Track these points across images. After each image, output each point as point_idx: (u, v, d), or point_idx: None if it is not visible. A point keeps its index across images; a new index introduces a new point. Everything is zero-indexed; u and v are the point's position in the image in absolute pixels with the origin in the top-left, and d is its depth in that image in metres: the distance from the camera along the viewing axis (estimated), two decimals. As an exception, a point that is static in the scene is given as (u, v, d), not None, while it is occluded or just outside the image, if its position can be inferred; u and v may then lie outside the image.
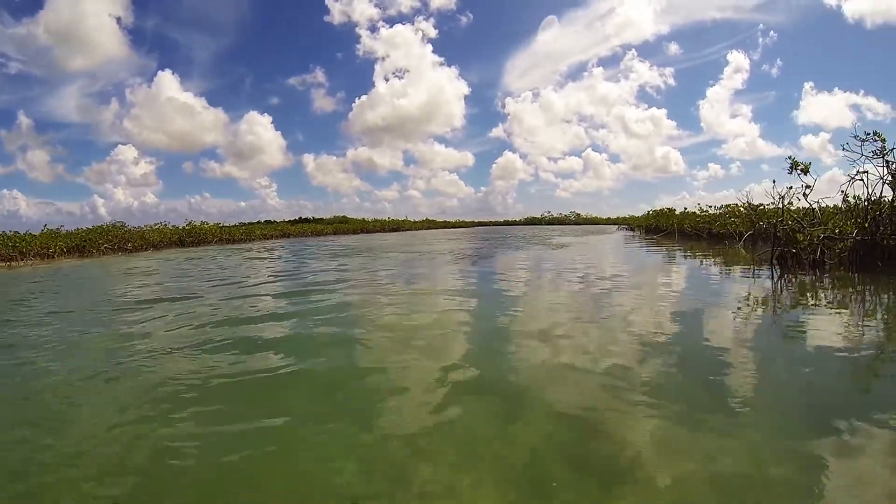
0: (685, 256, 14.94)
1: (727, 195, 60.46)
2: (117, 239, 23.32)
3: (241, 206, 62.24)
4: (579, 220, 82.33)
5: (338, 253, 18.61)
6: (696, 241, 21.39)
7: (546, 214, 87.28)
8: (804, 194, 14.88)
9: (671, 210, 29.37)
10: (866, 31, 49.74)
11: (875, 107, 48.16)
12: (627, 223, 48.89)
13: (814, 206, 14.74)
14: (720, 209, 22.62)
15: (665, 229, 27.03)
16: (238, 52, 62.17)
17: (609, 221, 74.88)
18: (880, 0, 47.16)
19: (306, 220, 56.73)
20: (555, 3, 69.66)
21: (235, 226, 38.43)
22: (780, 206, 16.83)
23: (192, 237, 30.03)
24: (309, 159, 64.11)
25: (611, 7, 61.95)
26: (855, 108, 50.04)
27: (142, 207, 54.09)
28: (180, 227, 30.61)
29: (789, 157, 14.65)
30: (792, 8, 54.39)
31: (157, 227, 29.26)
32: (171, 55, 61.49)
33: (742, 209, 20.36)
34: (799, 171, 14.84)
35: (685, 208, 28.49)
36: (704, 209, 24.44)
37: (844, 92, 49.66)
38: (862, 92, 49.60)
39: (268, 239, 38.70)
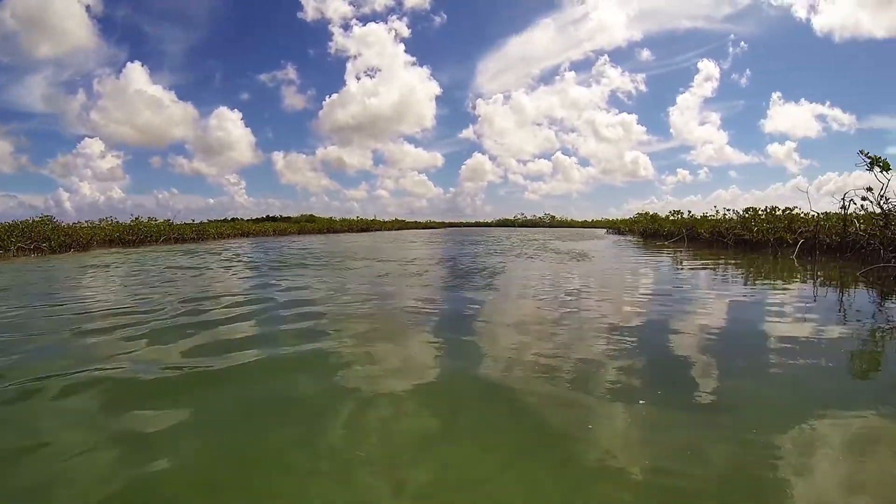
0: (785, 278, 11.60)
1: (695, 200, 65.10)
2: (34, 237, 19.12)
3: (210, 203, 60.97)
4: (554, 223, 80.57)
5: (290, 261, 14.45)
6: (717, 248, 18.90)
7: (519, 216, 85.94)
8: (881, 195, 12.60)
9: (680, 213, 26.95)
10: (834, 45, 52.09)
11: (840, 118, 51.56)
12: (613, 226, 46.79)
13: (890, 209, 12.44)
14: (741, 213, 20.34)
15: (677, 234, 24.51)
16: (209, 46, 60.94)
17: (587, 224, 74.07)
18: (849, 16, 51.82)
19: (273, 219, 54.75)
20: (529, 6, 71.17)
21: (187, 224, 33.75)
22: (844, 209, 14.75)
23: (134, 235, 26.20)
24: (278, 157, 63.51)
25: (585, 12, 62.27)
26: (821, 118, 54.17)
27: (108, 202, 52.72)
28: (123, 224, 27.05)
29: (865, 153, 12.25)
30: (762, 20, 56.35)
31: (94, 223, 25.94)
32: (142, 47, 60.91)
33: (777, 213, 18.18)
34: (879, 169, 12.48)
35: (679, 212, 26.42)
36: (717, 213, 22.28)
37: (811, 103, 52.58)
38: (828, 103, 52.86)
39: (224, 238, 34.67)
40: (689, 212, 26.08)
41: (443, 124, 68.62)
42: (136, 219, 28.78)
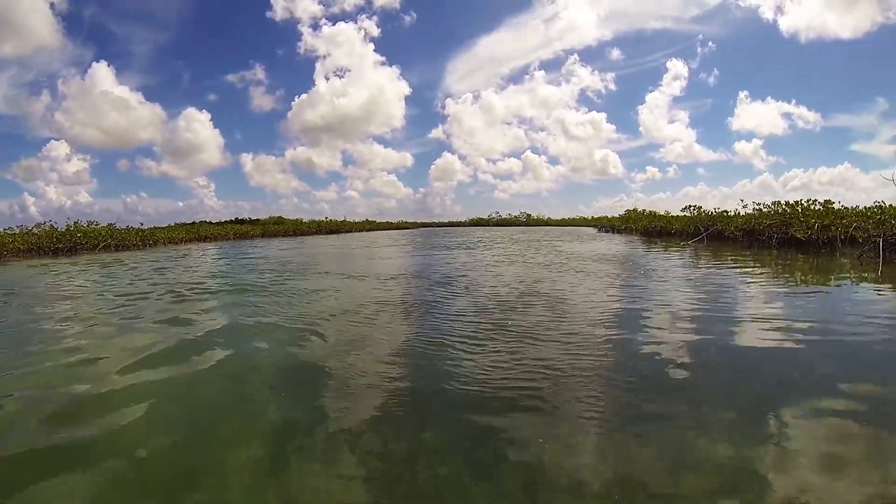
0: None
1: (664, 197, 64.35)
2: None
3: (179, 207, 60.13)
4: (530, 222, 78.09)
5: (231, 279, 10.72)
6: (758, 249, 16.38)
7: (494, 215, 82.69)
8: None
9: (698, 208, 24.26)
10: (800, 45, 51.87)
11: (806, 115, 51.53)
12: (601, 224, 44.83)
13: None
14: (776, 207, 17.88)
15: (693, 232, 21.95)
16: (177, 46, 59.16)
17: (566, 222, 72.49)
18: (815, 17, 52.26)
19: (241, 221, 52.80)
20: (499, 6, 69.81)
21: (132, 228, 29.09)
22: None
23: (64, 243, 22.57)
24: (247, 159, 61.74)
25: (555, 12, 61.51)
26: (787, 116, 53.69)
27: (75, 207, 50.49)
28: (48, 231, 23.54)
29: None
30: (729, 21, 56.61)
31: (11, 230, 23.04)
32: (108, 47, 58.78)
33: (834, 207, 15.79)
34: None
35: (697, 206, 24.09)
36: (743, 207, 19.86)
37: (777, 101, 52.63)
38: (794, 101, 53.08)
39: (175, 244, 30.35)
40: (700, 207, 23.54)
41: (412, 124, 67.71)
42: (76, 223, 24.77)
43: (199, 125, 56.05)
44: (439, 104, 65.17)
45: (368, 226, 68.67)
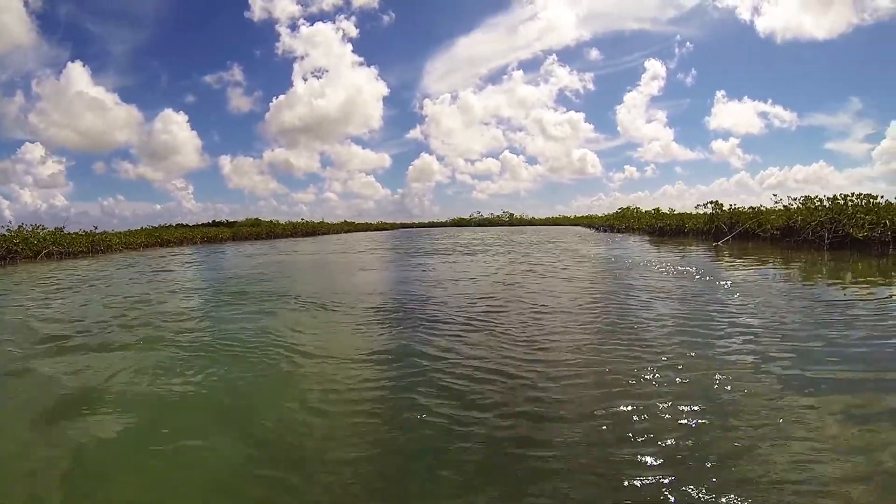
0: None
1: (642, 196, 65.91)
2: None
3: (157, 209, 59.24)
4: (513, 221, 76.21)
5: (152, 314, 7.38)
6: (812, 250, 14.32)
7: (476, 215, 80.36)
8: None
9: (719, 204, 22.18)
10: (776, 46, 52.47)
11: (782, 115, 51.76)
12: (594, 223, 43.13)
13: None
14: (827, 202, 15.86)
15: (730, 230, 19.74)
16: (154, 46, 58.54)
17: (551, 222, 71.09)
18: (791, 18, 53.03)
19: (218, 224, 50.21)
20: (478, 6, 70.44)
21: (80, 234, 25.00)
22: None
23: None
24: (225, 161, 60.68)
25: (534, 12, 61.63)
26: (763, 115, 53.61)
27: (51, 210, 49.84)
28: None
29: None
30: (706, 22, 57.28)
31: None
32: (84, 46, 58.03)
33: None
34: None
35: (719, 203, 22.07)
36: (777, 203, 17.87)
37: (754, 101, 52.71)
38: (770, 101, 53.01)
39: (134, 249, 26.80)
40: (725, 203, 21.48)
41: (390, 125, 67.28)
42: (19, 227, 21.60)
43: (176, 127, 55.00)
44: (417, 104, 64.76)
45: (347, 227, 65.93)
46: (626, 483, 2.49)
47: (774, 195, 18.46)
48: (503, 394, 3.73)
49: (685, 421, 3.12)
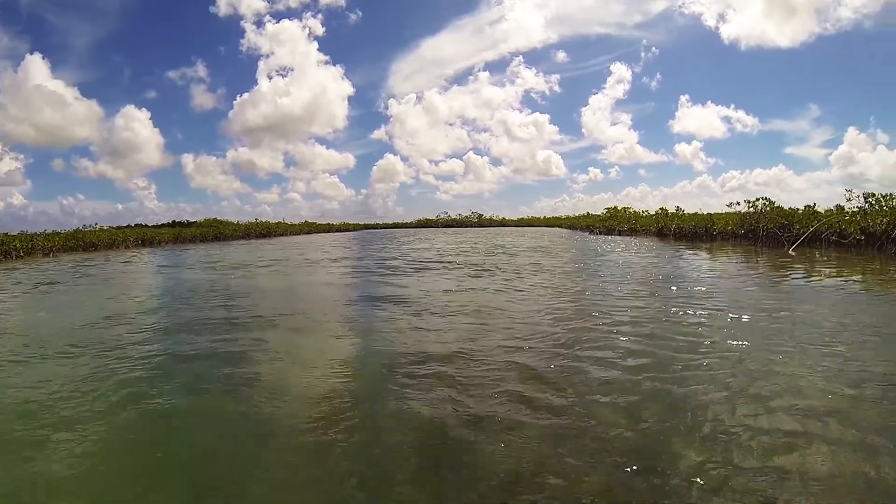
0: None
1: (606, 198, 66.25)
2: None
3: (119, 209, 58.11)
4: (482, 222, 73.29)
5: None
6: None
7: (442, 215, 76.72)
8: None
9: (755, 202, 18.92)
10: (740, 52, 54.36)
11: (744, 119, 52.33)
12: (576, 224, 40.25)
13: None
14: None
15: (792, 231, 16.33)
16: (117, 39, 57.11)
17: (526, 222, 69.48)
18: (755, 26, 52.96)
19: (180, 224, 47.59)
20: (445, 7, 71.12)
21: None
22: None
23: None
24: (188, 159, 59.24)
25: (501, 14, 62.07)
26: (726, 120, 54.74)
27: (8, 210, 48.46)
28: None
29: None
30: (672, 28, 58.41)
31: None
32: (44, 38, 57.44)
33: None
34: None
35: (754, 201, 19.12)
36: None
37: (717, 105, 53.19)
38: (732, 106, 53.57)
39: (46, 256, 22.85)
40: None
41: (355, 125, 67.23)
42: None
43: (138, 124, 53.00)
44: (382, 105, 63.76)
45: (307, 228, 61.06)
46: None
47: (848, 190, 15.42)
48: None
49: None
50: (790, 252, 14.13)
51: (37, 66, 46.24)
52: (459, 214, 76.78)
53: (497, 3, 61.68)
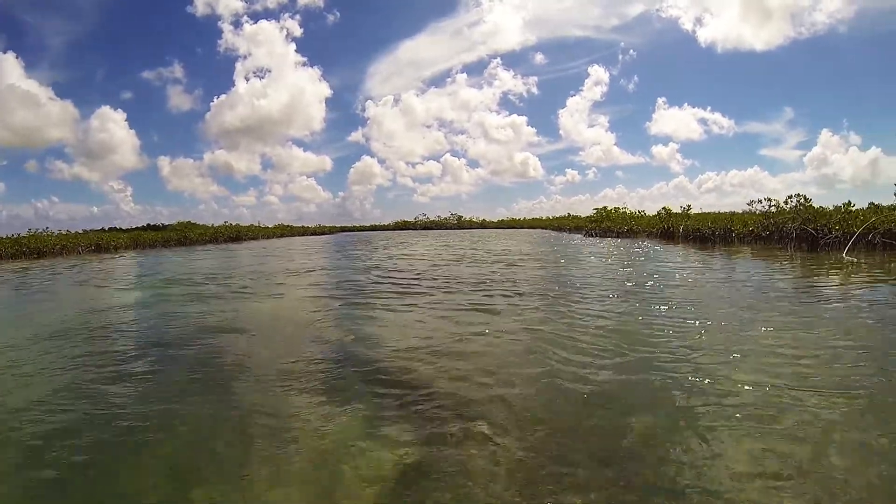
0: None
1: (583, 199, 66.98)
2: None
3: (94, 212, 55.95)
4: (462, 224, 71.38)
5: None
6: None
7: (421, 217, 73.74)
8: None
9: (802, 200, 17.05)
10: (717, 55, 53.65)
11: (720, 121, 52.01)
12: (563, 225, 38.43)
13: None
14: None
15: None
16: (93, 39, 55.01)
17: (507, 224, 68.43)
18: (731, 30, 52.93)
19: (155, 227, 46.29)
20: (424, 9, 70.02)
21: None
22: None
23: None
24: (165, 162, 56.52)
25: (480, 16, 61.40)
26: (702, 122, 54.61)
27: None
28: None
29: None
30: (649, 31, 58.00)
31: None
32: (19, 38, 56.70)
33: None
34: None
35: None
36: None
37: (693, 107, 53.17)
38: (709, 108, 53.83)
39: None
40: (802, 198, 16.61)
41: (332, 127, 64.54)
42: None
43: (113, 125, 50.22)
44: (359, 107, 61.86)
45: (280, 231, 58.00)
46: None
47: None
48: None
49: None
50: (846, 257, 12.35)
51: (10, 66, 44.51)
52: (438, 216, 74.42)
53: (476, 6, 61.57)
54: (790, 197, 15.94)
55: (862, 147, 46.26)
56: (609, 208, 36.82)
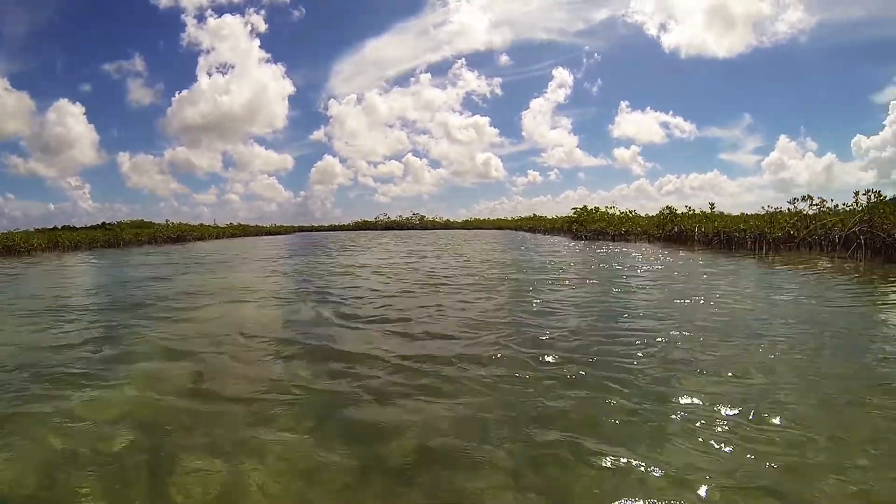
0: None
1: (545, 200, 68.17)
2: None
3: (51, 210, 54.93)
4: (425, 224, 69.18)
5: None
6: None
7: (382, 217, 71.64)
8: None
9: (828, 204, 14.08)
10: (680, 61, 55.11)
11: (682, 125, 54.09)
12: (537, 225, 35.51)
13: None
14: None
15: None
16: (52, 28, 54.42)
17: (473, 224, 66.42)
18: (695, 36, 54.97)
19: (107, 227, 41.98)
20: (391, 9, 70.53)
21: None
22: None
23: None
24: (124, 158, 55.42)
25: (446, 17, 62.52)
26: (664, 125, 55.78)
27: None
28: None
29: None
30: (614, 36, 59.82)
31: None
32: None
33: None
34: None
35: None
36: None
37: (656, 111, 54.89)
38: (671, 112, 55.51)
39: None
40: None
41: (294, 126, 63.99)
42: None
43: (71, 119, 48.81)
44: (322, 105, 61.42)
45: (231, 231, 53.57)
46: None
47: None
48: None
49: None
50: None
51: (-39, 54, 38.64)
52: (400, 216, 72.41)
53: (442, 6, 61.28)
54: (866, 192, 12.69)
55: (818, 153, 48.77)
56: (591, 208, 33.69)
